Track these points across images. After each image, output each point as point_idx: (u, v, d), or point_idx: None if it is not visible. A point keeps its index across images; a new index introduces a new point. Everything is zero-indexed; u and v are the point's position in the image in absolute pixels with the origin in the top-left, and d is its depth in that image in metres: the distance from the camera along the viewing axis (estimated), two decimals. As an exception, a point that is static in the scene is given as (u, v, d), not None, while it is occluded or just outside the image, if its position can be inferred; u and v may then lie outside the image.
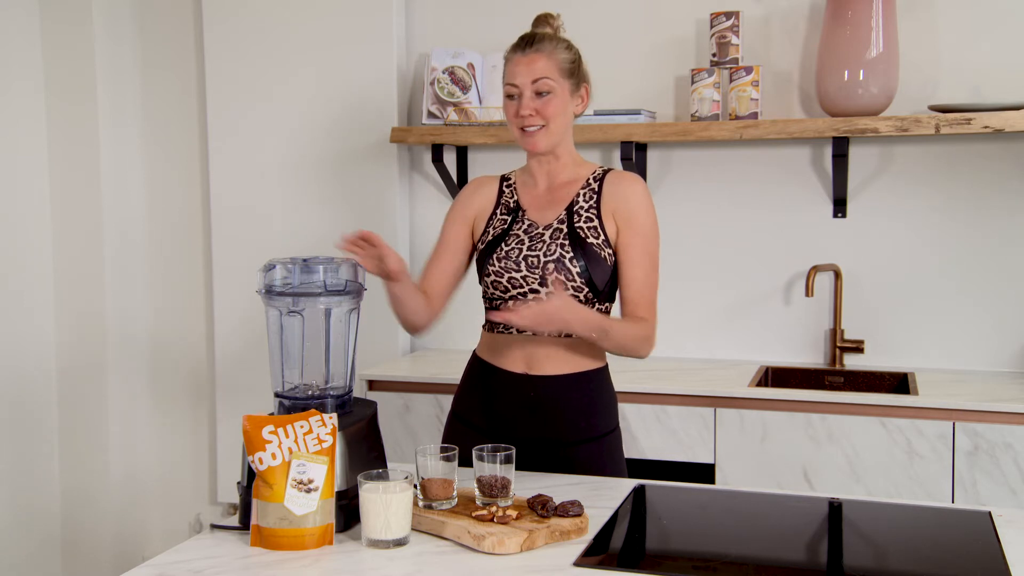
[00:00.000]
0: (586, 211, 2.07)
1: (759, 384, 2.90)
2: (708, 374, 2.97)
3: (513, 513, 1.64)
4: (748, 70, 2.97)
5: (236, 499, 2.35)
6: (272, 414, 1.73)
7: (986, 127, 2.72)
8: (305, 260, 1.75)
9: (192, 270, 3.65)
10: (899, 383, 2.97)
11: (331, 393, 1.77)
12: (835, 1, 2.88)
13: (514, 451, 1.72)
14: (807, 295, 2.96)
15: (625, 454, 2.78)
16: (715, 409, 2.75)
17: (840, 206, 3.07)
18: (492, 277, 2.08)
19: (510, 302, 2.06)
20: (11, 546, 3.33)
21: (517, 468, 1.81)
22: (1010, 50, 2.92)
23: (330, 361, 1.77)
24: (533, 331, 2.01)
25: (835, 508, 1.84)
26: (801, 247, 3.12)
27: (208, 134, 3.52)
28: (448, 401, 2.26)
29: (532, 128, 2.05)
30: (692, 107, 3.02)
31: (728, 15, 3.00)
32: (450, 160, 3.39)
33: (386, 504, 1.58)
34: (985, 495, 2.54)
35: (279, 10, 3.41)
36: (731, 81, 3.00)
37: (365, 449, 1.76)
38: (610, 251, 2.06)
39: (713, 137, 2.96)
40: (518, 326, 1.91)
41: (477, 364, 2.18)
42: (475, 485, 1.73)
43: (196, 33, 3.57)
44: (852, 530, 1.77)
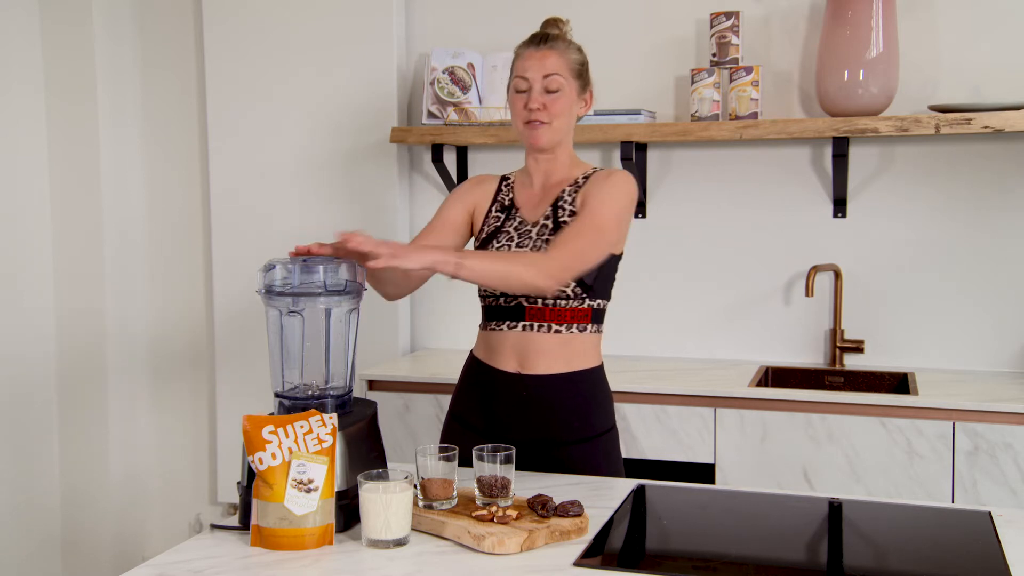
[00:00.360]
0: (569, 205, 2.08)
1: (759, 384, 2.90)
2: (708, 374, 2.97)
3: (513, 513, 1.64)
4: (748, 70, 2.97)
5: (236, 499, 2.35)
6: (272, 414, 1.73)
7: (986, 127, 2.72)
8: (305, 260, 1.75)
9: (192, 270, 3.65)
10: (899, 383, 2.97)
11: (331, 393, 1.77)
12: (835, 1, 2.88)
13: (514, 451, 1.72)
14: (807, 295, 2.96)
15: (625, 454, 2.79)
16: (715, 409, 2.75)
17: (840, 206, 3.07)
18: None
19: (498, 299, 2.08)
20: (11, 546, 3.33)
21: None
22: (1010, 50, 2.92)
23: (330, 361, 1.77)
24: (401, 263, 1.77)
25: (835, 508, 1.84)
26: (801, 247, 3.12)
27: (208, 134, 3.52)
28: (448, 401, 2.26)
29: (537, 122, 2.06)
30: (692, 107, 3.02)
31: (728, 15, 3.00)
32: (450, 160, 3.39)
33: (386, 504, 1.58)
34: (985, 495, 2.54)
35: (279, 10, 3.41)
36: (731, 81, 3.00)
37: (365, 449, 1.76)
38: None
39: (713, 137, 2.96)
40: (390, 261, 1.73)
41: (473, 364, 2.18)
42: (475, 485, 1.73)
43: (196, 33, 3.57)
44: (852, 530, 1.77)
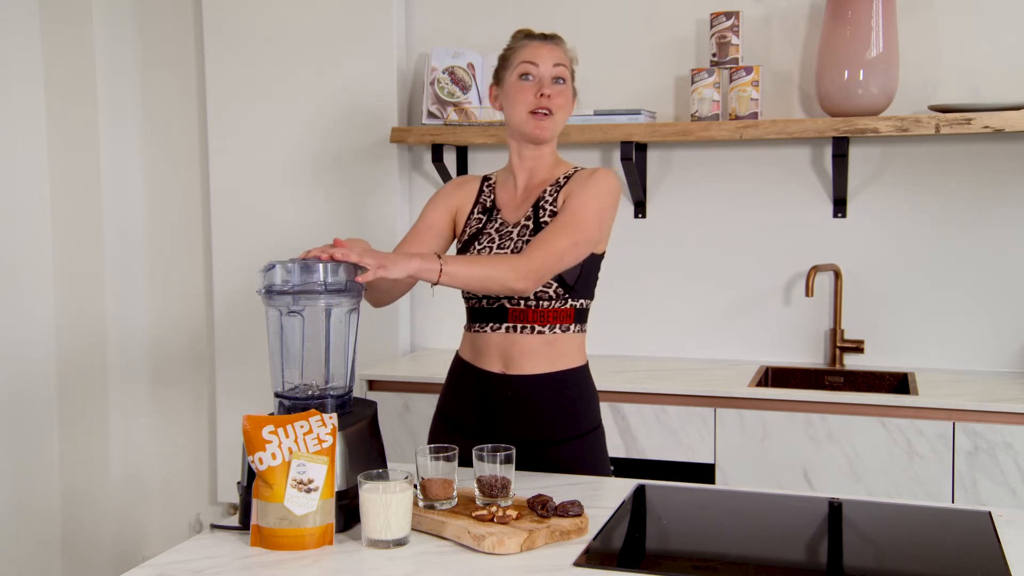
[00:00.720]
0: (550, 205, 2.08)
1: (759, 384, 2.90)
2: (708, 374, 2.97)
3: (513, 513, 1.64)
4: (748, 70, 2.97)
5: (236, 499, 2.35)
6: (272, 414, 1.73)
7: (986, 127, 2.72)
8: (305, 260, 1.75)
9: (192, 270, 3.65)
10: (899, 383, 2.97)
11: (331, 393, 1.77)
12: (835, 1, 2.88)
13: (514, 451, 1.72)
14: (807, 295, 2.96)
15: (625, 454, 2.80)
16: (715, 409, 2.75)
17: (840, 206, 3.06)
18: None
19: (481, 301, 2.08)
20: (11, 546, 3.33)
21: None
22: (1010, 50, 2.92)
23: (330, 361, 1.77)
24: (387, 272, 1.78)
25: (835, 508, 1.84)
26: (801, 247, 3.12)
27: (208, 134, 3.52)
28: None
29: (545, 111, 2.05)
30: (692, 107, 3.02)
31: (728, 15, 3.00)
32: (450, 160, 3.39)
33: (386, 504, 1.58)
34: (985, 495, 2.54)
35: (279, 10, 3.41)
36: (731, 81, 3.00)
37: (365, 449, 1.76)
38: None
39: (713, 137, 2.96)
40: (377, 272, 1.75)
41: (459, 365, 2.18)
42: (475, 485, 1.73)
43: (196, 33, 3.57)
44: (852, 530, 1.77)
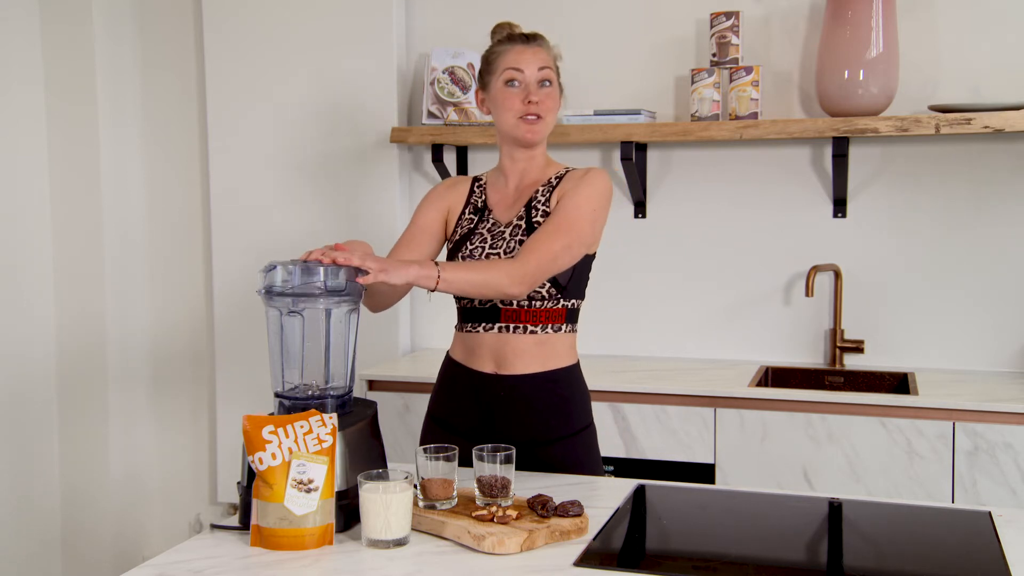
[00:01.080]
0: (542, 205, 2.07)
1: (759, 384, 2.90)
2: (708, 374, 2.97)
3: (513, 513, 1.64)
4: (748, 70, 2.97)
5: (236, 499, 2.35)
6: (272, 414, 1.73)
7: (986, 127, 2.72)
8: (305, 260, 1.75)
9: (192, 270, 3.65)
10: (899, 383, 2.97)
11: (331, 393, 1.77)
12: (835, 1, 2.88)
13: (514, 451, 1.72)
14: (807, 295, 2.96)
15: (625, 454, 2.80)
16: (715, 409, 2.75)
17: (840, 206, 3.06)
18: None
19: (472, 301, 2.08)
20: (11, 546, 3.33)
21: None
22: (1010, 50, 2.92)
23: (330, 361, 1.77)
24: (387, 278, 1.78)
25: (835, 508, 1.84)
26: (801, 247, 3.12)
27: (208, 134, 3.52)
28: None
29: (535, 116, 2.04)
30: (692, 107, 3.02)
31: (728, 15, 3.00)
32: (450, 160, 3.39)
33: (386, 504, 1.58)
34: (985, 495, 2.54)
35: (279, 10, 3.41)
36: (731, 81, 3.00)
37: (365, 449, 1.76)
38: None
39: (713, 137, 2.96)
40: (378, 276, 1.76)
41: (451, 365, 2.18)
42: (475, 485, 1.73)
43: (196, 33, 3.57)
44: (852, 530, 1.77)
